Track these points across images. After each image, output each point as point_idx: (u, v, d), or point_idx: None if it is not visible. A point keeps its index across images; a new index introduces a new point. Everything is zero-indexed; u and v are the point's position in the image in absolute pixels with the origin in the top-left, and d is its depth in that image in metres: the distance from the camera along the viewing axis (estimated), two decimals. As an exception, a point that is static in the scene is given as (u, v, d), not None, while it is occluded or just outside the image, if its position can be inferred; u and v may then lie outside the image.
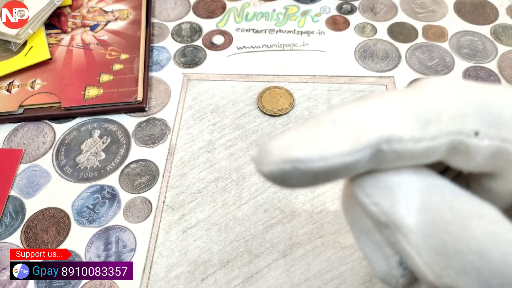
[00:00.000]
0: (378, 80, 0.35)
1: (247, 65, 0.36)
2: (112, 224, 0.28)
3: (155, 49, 0.38)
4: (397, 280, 0.14)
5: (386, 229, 0.13)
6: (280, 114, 0.33)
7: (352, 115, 0.12)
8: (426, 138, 0.12)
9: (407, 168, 0.13)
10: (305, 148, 0.12)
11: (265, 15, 0.40)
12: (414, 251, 0.12)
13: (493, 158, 0.12)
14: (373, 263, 0.15)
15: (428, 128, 0.12)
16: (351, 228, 0.15)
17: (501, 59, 0.36)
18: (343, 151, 0.11)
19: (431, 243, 0.12)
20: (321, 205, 0.28)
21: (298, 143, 0.12)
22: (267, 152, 0.12)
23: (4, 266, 0.27)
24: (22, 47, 0.36)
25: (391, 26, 0.38)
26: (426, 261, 0.12)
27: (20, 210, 0.29)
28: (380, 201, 0.12)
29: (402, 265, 0.14)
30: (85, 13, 0.40)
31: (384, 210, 0.12)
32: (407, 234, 0.12)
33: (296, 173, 0.12)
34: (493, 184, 0.13)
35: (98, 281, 0.26)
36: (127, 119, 0.33)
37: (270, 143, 0.12)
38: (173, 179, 0.30)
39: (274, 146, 0.12)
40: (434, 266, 0.12)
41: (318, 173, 0.12)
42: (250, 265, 0.27)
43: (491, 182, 0.13)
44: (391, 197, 0.12)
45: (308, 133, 0.12)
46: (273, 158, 0.12)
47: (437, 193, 0.12)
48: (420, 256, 0.12)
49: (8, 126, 0.33)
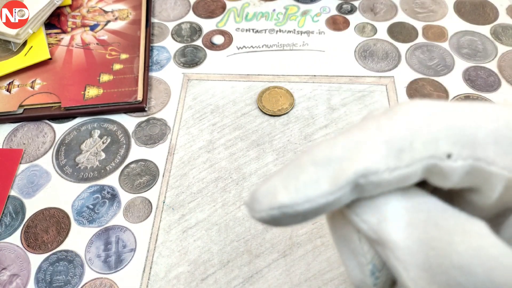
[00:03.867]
0: (378, 80, 0.35)
1: (247, 65, 0.36)
2: (112, 224, 0.28)
3: (155, 49, 0.38)
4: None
5: (377, 245, 0.13)
6: (280, 114, 0.33)
7: (329, 153, 0.13)
8: (400, 166, 0.12)
9: (394, 190, 0.13)
10: (289, 193, 0.12)
11: (265, 15, 0.40)
12: (401, 266, 0.12)
13: (469, 176, 0.13)
14: (349, 270, 0.15)
15: (402, 156, 0.12)
16: (332, 235, 0.16)
17: (501, 59, 0.36)
18: (325, 191, 0.12)
19: (417, 259, 0.12)
20: (321, 205, 0.28)
21: (283, 189, 0.13)
22: (256, 200, 0.13)
23: (4, 266, 0.27)
24: (22, 47, 0.36)
25: (391, 26, 0.38)
26: (411, 277, 0.12)
27: (20, 210, 0.29)
28: (368, 219, 0.13)
29: (374, 274, 0.15)
30: (85, 13, 0.40)
31: (373, 227, 0.13)
32: (394, 250, 0.12)
33: (285, 216, 0.13)
34: (474, 198, 0.14)
35: (98, 281, 0.26)
36: (127, 119, 0.33)
37: (258, 191, 0.13)
38: (173, 179, 0.30)
39: (262, 193, 0.13)
40: (419, 282, 0.12)
41: (305, 214, 0.13)
42: (250, 265, 0.27)
43: (472, 195, 0.14)
44: (379, 215, 0.13)
45: (291, 177, 0.13)
46: (262, 206, 0.13)
47: (423, 210, 0.13)
48: (406, 271, 0.12)
49: (8, 126, 0.33)
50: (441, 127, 0.13)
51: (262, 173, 0.30)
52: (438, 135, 0.13)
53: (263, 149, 0.31)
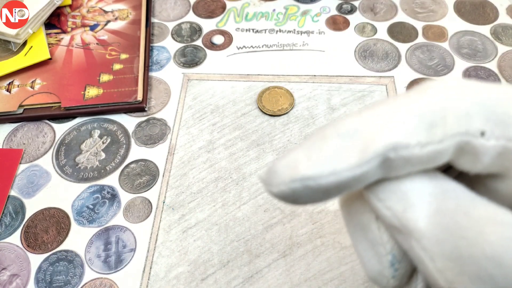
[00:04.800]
0: (378, 80, 0.35)
1: (247, 65, 0.36)
2: (112, 224, 0.28)
3: (155, 49, 0.38)
4: (388, 280, 0.14)
5: (399, 234, 0.12)
6: (280, 114, 0.33)
7: (357, 125, 0.12)
8: (432, 141, 0.12)
9: (420, 174, 0.12)
10: (313, 164, 0.11)
11: (265, 15, 0.40)
12: (427, 256, 0.12)
13: (500, 158, 0.12)
14: (365, 261, 0.14)
15: (434, 131, 0.12)
16: (346, 224, 0.15)
17: (501, 59, 0.36)
18: (352, 163, 0.11)
19: (444, 248, 0.11)
20: (321, 205, 0.28)
21: (306, 160, 0.12)
22: (276, 173, 0.12)
23: (4, 266, 0.27)
24: (22, 47, 0.36)
25: (391, 26, 0.38)
26: (438, 267, 0.11)
27: (20, 210, 0.29)
28: (393, 206, 0.12)
29: (394, 265, 0.14)
30: (85, 13, 0.40)
31: (397, 215, 0.12)
32: (420, 239, 0.12)
33: (306, 191, 0.12)
34: (499, 185, 0.13)
35: (98, 281, 0.26)
36: (127, 119, 0.33)
37: (278, 163, 0.12)
38: (173, 179, 0.30)
39: (282, 165, 0.12)
40: (446, 272, 0.11)
41: (328, 189, 0.12)
42: (250, 265, 0.27)
43: (497, 182, 0.13)
44: (405, 202, 0.12)
45: (315, 149, 0.12)
46: (282, 178, 0.12)
47: (451, 197, 0.12)
48: (433, 261, 0.12)
49: (8, 126, 0.33)
50: (474, 103, 0.12)
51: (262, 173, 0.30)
52: (471, 111, 0.12)
53: (263, 149, 0.31)
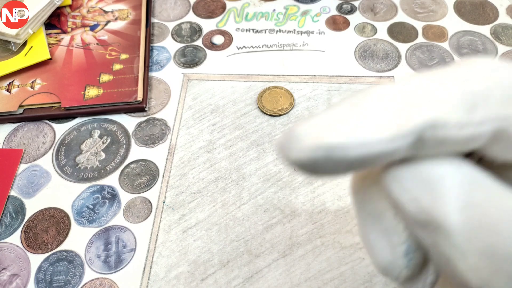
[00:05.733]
0: (378, 80, 0.35)
1: (247, 65, 0.36)
2: (112, 224, 0.28)
3: (155, 49, 0.38)
4: (401, 270, 0.13)
5: (423, 229, 0.11)
6: (280, 114, 0.33)
7: (396, 96, 0.11)
8: (472, 123, 0.11)
9: (448, 159, 0.11)
10: (341, 133, 0.10)
11: (265, 15, 0.40)
12: (458, 253, 0.11)
13: None
14: (376, 251, 0.13)
15: (475, 112, 0.11)
16: (358, 212, 0.14)
17: (501, 59, 0.36)
18: (385, 136, 0.10)
19: (477, 245, 0.10)
20: (321, 205, 0.28)
21: (333, 127, 0.10)
22: (297, 137, 0.11)
23: (4, 266, 0.27)
24: (22, 47, 0.36)
25: (391, 26, 0.38)
26: (471, 266, 0.10)
27: (20, 210, 0.29)
28: (420, 197, 0.11)
29: (409, 255, 0.13)
30: (85, 13, 0.40)
31: (425, 207, 0.11)
32: (450, 234, 0.11)
33: (329, 161, 0.10)
34: None
35: (98, 281, 0.26)
36: (127, 119, 0.33)
37: (300, 126, 0.11)
38: (173, 179, 0.30)
39: (306, 129, 0.11)
40: (480, 272, 0.10)
41: (354, 161, 0.10)
42: (250, 265, 0.27)
43: None
44: (434, 193, 0.11)
45: (344, 116, 0.11)
46: (304, 143, 0.10)
47: (482, 188, 0.11)
48: (465, 259, 0.10)
49: (8, 126, 0.33)
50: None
51: (262, 173, 0.30)
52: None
53: (263, 149, 0.31)
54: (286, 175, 0.30)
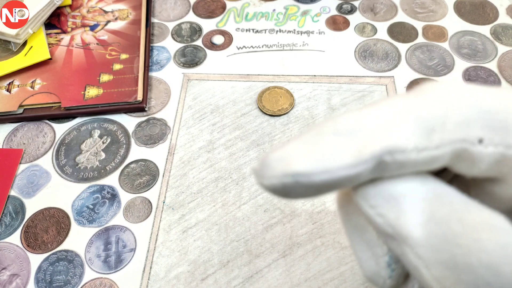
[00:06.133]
0: (378, 80, 0.35)
1: (247, 65, 0.36)
2: (112, 224, 0.28)
3: (155, 49, 0.38)
4: (384, 281, 0.14)
5: (392, 240, 0.12)
6: (280, 114, 0.33)
7: (355, 125, 0.12)
8: (429, 147, 0.11)
9: (412, 177, 0.12)
10: (307, 160, 0.11)
11: (265, 15, 0.40)
12: (422, 264, 0.11)
13: (498, 165, 0.12)
14: (362, 261, 0.14)
15: (432, 136, 0.12)
16: (344, 224, 0.15)
17: (501, 59, 0.36)
18: (346, 163, 0.11)
19: (440, 256, 0.11)
20: (321, 205, 0.29)
21: (300, 155, 0.11)
22: (268, 165, 0.12)
23: (4, 266, 0.27)
24: (22, 47, 0.36)
25: (391, 26, 0.38)
26: (435, 276, 0.11)
27: (20, 210, 0.29)
28: (385, 213, 0.12)
29: (391, 266, 0.14)
30: (85, 13, 0.40)
31: (390, 222, 0.12)
32: (414, 247, 0.11)
33: (297, 186, 0.11)
34: (495, 189, 0.13)
35: (98, 281, 0.26)
36: (127, 119, 0.33)
37: (271, 155, 0.12)
38: (173, 179, 0.30)
39: (275, 158, 0.12)
40: (443, 281, 0.11)
41: (320, 186, 0.11)
42: (250, 265, 0.27)
43: (493, 186, 0.13)
44: (397, 208, 0.12)
45: (310, 144, 0.12)
46: (274, 171, 0.11)
47: (445, 203, 0.12)
48: (429, 270, 0.11)
49: (8, 126, 0.33)
50: (474, 110, 0.12)
51: (262, 173, 0.30)
52: (470, 118, 0.12)
53: (263, 149, 0.31)
54: (286, 175, 0.30)
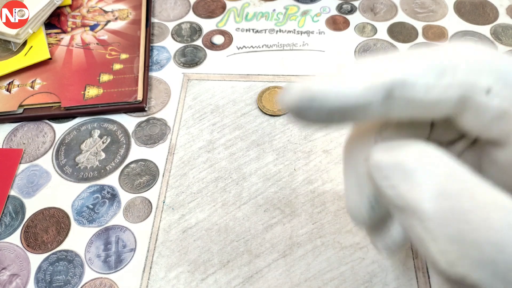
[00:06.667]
0: (378, 80, 0.35)
1: (247, 65, 0.36)
2: (112, 224, 0.28)
3: (155, 49, 0.38)
4: (363, 218, 0.15)
5: (400, 212, 0.12)
6: (280, 114, 0.33)
7: (372, 63, 0.13)
8: (438, 86, 0.12)
9: (428, 152, 0.13)
10: (323, 84, 0.13)
11: (265, 15, 0.40)
12: (429, 237, 0.12)
13: (500, 120, 0.12)
14: (349, 196, 0.16)
15: (443, 78, 0.12)
16: (345, 159, 0.16)
17: (501, 59, 0.36)
18: (357, 89, 0.12)
19: (448, 231, 0.11)
20: (321, 205, 0.28)
21: (318, 81, 0.13)
22: (291, 88, 0.13)
23: (4, 266, 0.27)
24: (22, 47, 0.36)
25: (391, 26, 0.38)
26: (441, 249, 0.12)
27: (20, 210, 0.29)
28: (398, 184, 0.12)
29: (373, 207, 0.15)
30: (85, 13, 0.40)
31: (402, 194, 0.12)
32: (423, 219, 0.12)
33: (311, 107, 0.13)
34: (499, 155, 0.13)
35: (98, 281, 0.26)
36: (127, 119, 0.33)
37: (297, 82, 0.13)
38: (173, 179, 0.30)
39: (298, 84, 0.13)
40: (448, 255, 0.11)
41: (331, 110, 0.13)
42: (250, 265, 0.27)
43: (497, 151, 0.13)
44: (411, 181, 0.12)
45: (329, 75, 0.13)
46: (293, 92, 0.13)
47: (458, 180, 0.12)
48: (435, 243, 0.12)
49: (8, 126, 0.33)
50: (487, 62, 0.13)
51: (262, 173, 0.30)
52: (483, 68, 0.12)
53: (263, 149, 0.31)
54: (286, 175, 0.30)
